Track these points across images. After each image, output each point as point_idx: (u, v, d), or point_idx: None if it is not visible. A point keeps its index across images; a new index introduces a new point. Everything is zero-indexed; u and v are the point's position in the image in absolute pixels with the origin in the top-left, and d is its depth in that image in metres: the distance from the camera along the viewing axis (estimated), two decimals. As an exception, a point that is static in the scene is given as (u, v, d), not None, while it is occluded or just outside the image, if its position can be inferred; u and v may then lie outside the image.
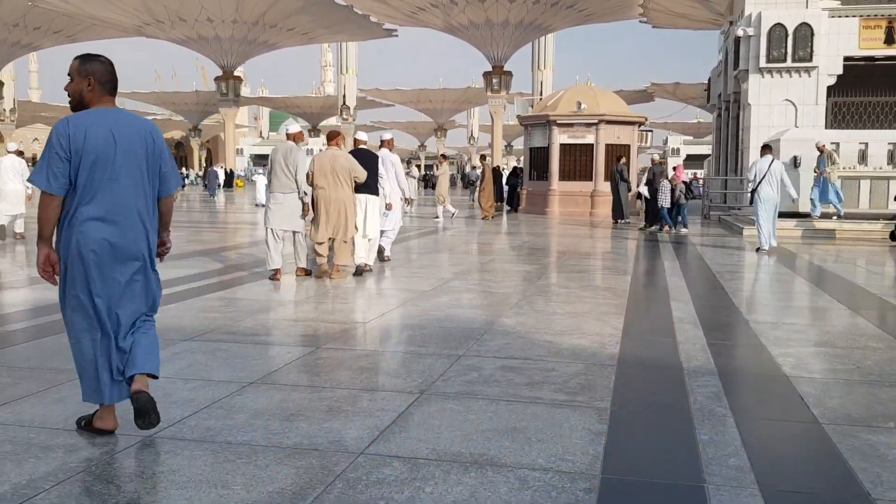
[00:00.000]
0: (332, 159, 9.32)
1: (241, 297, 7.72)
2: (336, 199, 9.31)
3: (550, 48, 64.36)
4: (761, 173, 13.26)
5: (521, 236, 16.32)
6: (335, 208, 9.33)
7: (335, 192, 9.29)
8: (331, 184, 9.27)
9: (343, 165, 9.36)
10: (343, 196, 9.36)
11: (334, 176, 9.29)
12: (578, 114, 24.25)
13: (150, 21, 56.62)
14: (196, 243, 13.60)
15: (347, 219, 9.43)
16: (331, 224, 9.33)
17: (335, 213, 9.33)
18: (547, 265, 10.88)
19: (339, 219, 9.37)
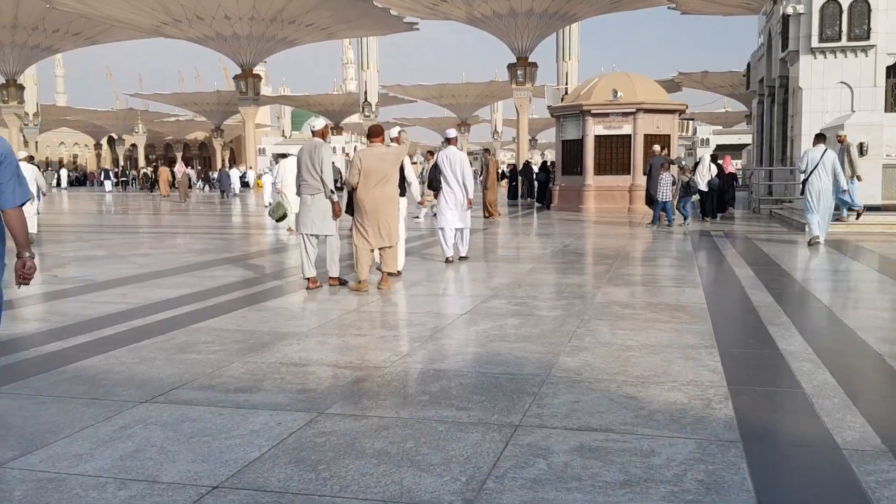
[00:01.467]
0: (381, 157, 8.55)
1: (231, 327, 6.30)
2: (385, 201, 8.55)
3: (575, 38, 62.78)
4: (813, 163, 12.73)
5: (558, 238, 14.79)
6: (385, 211, 8.54)
7: (383, 192, 8.53)
8: (380, 184, 8.50)
9: (393, 163, 8.71)
10: (392, 196, 8.66)
11: (384, 175, 8.51)
12: (614, 102, 22.63)
13: (168, 20, 55.73)
14: (193, 253, 12.26)
15: (396, 222, 8.77)
16: (383, 230, 8.52)
17: (385, 216, 8.54)
18: (598, 275, 9.36)
19: (389, 223, 8.59)
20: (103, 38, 63.92)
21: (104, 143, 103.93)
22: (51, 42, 62.04)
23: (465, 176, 10.51)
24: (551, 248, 12.57)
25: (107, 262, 11.16)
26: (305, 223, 8.55)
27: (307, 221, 8.55)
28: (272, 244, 14.47)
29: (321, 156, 8.42)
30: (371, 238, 8.50)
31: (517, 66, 56.49)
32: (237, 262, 11.13)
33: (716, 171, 19.83)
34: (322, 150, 8.50)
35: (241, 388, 4.45)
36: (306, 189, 8.52)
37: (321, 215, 8.47)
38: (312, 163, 8.51)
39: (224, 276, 9.45)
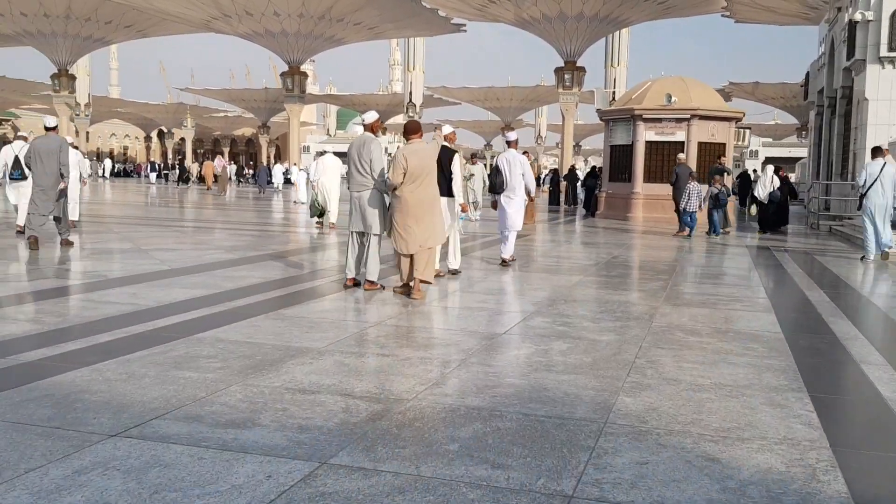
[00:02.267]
0: (425, 155, 8.08)
1: (239, 338, 5.57)
2: (432, 200, 8.08)
3: (625, 44, 61.61)
4: (872, 178, 12.30)
5: (605, 248, 13.88)
6: (431, 211, 8.04)
7: (426, 191, 8.01)
8: (425, 183, 7.98)
9: (434, 160, 8.25)
10: (434, 196, 8.16)
11: (429, 173, 8.03)
12: (668, 108, 21.61)
13: (218, 15, 55.88)
14: (221, 250, 11.60)
15: (439, 223, 8.20)
16: (426, 230, 7.96)
17: (430, 216, 8.02)
18: (653, 293, 8.46)
19: (434, 223, 8.06)
20: (154, 32, 64.48)
21: (154, 136, 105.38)
22: (103, 34, 62.71)
23: (528, 179, 10.45)
24: (598, 259, 11.68)
25: (128, 257, 10.56)
26: (352, 220, 8.19)
27: (353, 219, 8.18)
28: (302, 242, 13.81)
29: (370, 150, 8.01)
30: (411, 240, 7.88)
31: (564, 71, 55.45)
32: (262, 260, 10.45)
33: (778, 183, 18.81)
34: (371, 145, 8.03)
35: (234, 420, 3.69)
36: (354, 186, 8.12)
37: (368, 212, 8.04)
38: (361, 158, 8.06)
39: (246, 277, 8.76)
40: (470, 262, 10.82)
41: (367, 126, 8.29)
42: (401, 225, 7.94)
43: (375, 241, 8.14)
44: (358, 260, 8.26)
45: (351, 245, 8.25)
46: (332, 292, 7.86)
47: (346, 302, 7.37)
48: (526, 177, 10.46)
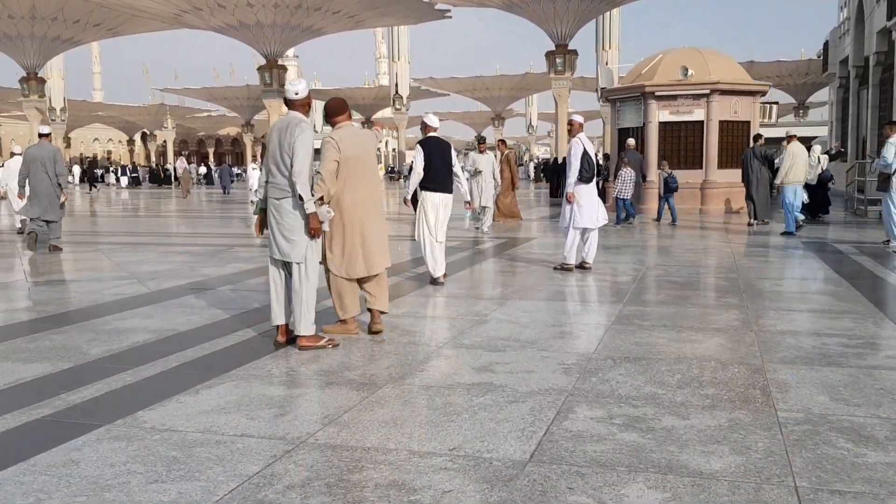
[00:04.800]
0: (363, 142, 5.89)
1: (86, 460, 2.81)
2: (375, 208, 5.98)
3: (616, 26, 58.91)
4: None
5: (630, 253, 11.15)
6: (374, 223, 5.90)
7: (370, 195, 5.90)
8: (367, 182, 5.87)
9: (373, 150, 6.09)
10: (381, 200, 6.18)
11: (368, 167, 5.92)
12: (684, 82, 18.83)
13: (188, 9, 52.92)
14: (127, 280, 8.82)
15: (385, 239, 6.10)
16: (368, 252, 5.83)
17: (373, 231, 5.88)
18: (740, 334, 5.76)
19: (378, 240, 5.93)
20: (126, 30, 61.50)
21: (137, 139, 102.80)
22: (71, 33, 59.76)
23: None
24: (628, 272, 8.93)
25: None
26: (270, 242, 5.56)
27: (271, 239, 5.54)
28: (246, 262, 10.98)
29: (295, 140, 5.34)
30: (350, 264, 5.79)
31: (556, 54, 52.67)
32: (177, 296, 7.68)
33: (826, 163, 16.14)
34: (298, 132, 5.36)
35: None
36: (272, 190, 5.50)
37: (288, 229, 5.44)
38: (282, 150, 5.38)
39: (129, 333, 5.98)
40: (460, 281, 8.05)
41: (295, 101, 5.52)
42: (342, 243, 5.71)
43: (306, 274, 5.49)
44: (287, 300, 5.54)
45: (273, 279, 5.59)
46: (249, 360, 5.09)
47: (262, 382, 4.60)
48: None
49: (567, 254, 8.99)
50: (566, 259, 9.01)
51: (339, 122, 5.76)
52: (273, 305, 5.51)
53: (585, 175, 8.90)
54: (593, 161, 8.96)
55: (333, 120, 5.79)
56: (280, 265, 5.54)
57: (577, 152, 8.93)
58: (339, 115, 5.77)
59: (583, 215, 8.97)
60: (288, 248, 5.45)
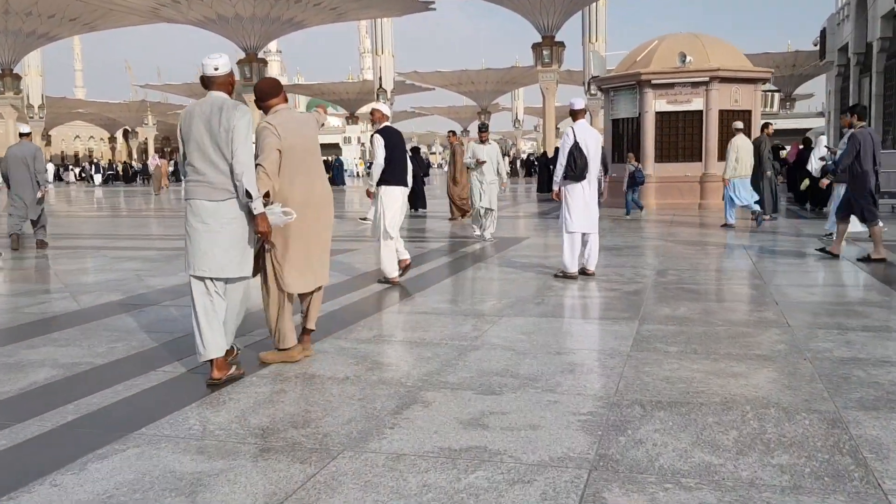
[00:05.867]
0: (303, 127, 4.80)
1: None
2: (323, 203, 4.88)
3: (602, 17, 57.97)
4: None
5: (637, 256, 10.04)
6: (322, 225, 4.90)
7: (313, 190, 4.81)
8: (312, 173, 4.83)
9: (315, 137, 4.93)
10: (328, 198, 4.93)
11: (312, 157, 4.85)
12: (682, 70, 17.75)
13: (166, 2, 51.61)
14: (52, 298, 7.61)
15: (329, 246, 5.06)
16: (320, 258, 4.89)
17: (322, 234, 4.91)
18: (794, 365, 4.66)
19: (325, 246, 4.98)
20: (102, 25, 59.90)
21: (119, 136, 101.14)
22: (47, 28, 58.17)
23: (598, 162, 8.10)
24: (640, 279, 7.80)
25: None
26: (196, 255, 4.37)
27: (199, 252, 4.36)
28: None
29: (235, 125, 4.24)
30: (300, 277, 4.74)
31: (542, 46, 51.76)
32: (103, 317, 6.48)
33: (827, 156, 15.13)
34: (238, 115, 4.26)
35: None
36: (200, 190, 4.35)
37: (226, 239, 4.35)
38: (215, 139, 4.27)
39: (21, 375, 4.80)
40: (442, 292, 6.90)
41: (215, 78, 4.39)
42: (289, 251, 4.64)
43: (248, 293, 4.57)
44: (217, 325, 4.41)
45: (202, 304, 4.40)
46: (168, 410, 3.92)
47: (175, 449, 3.44)
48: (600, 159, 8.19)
49: (565, 261, 7.86)
50: (566, 267, 7.87)
51: (274, 106, 4.68)
52: (205, 335, 4.34)
53: (571, 172, 7.77)
54: (586, 155, 7.75)
55: (267, 103, 4.70)
56: (209, 285, 4.37)
57: (565, 145, 7.80)
58: (274, 97, 4.69)
59: (573, 218, 7.84)
60: (230, 261, 4.33)
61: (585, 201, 7.89)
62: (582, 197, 7.85)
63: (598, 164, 8.01)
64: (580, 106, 7.99)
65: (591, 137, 7.91)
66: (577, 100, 8.10)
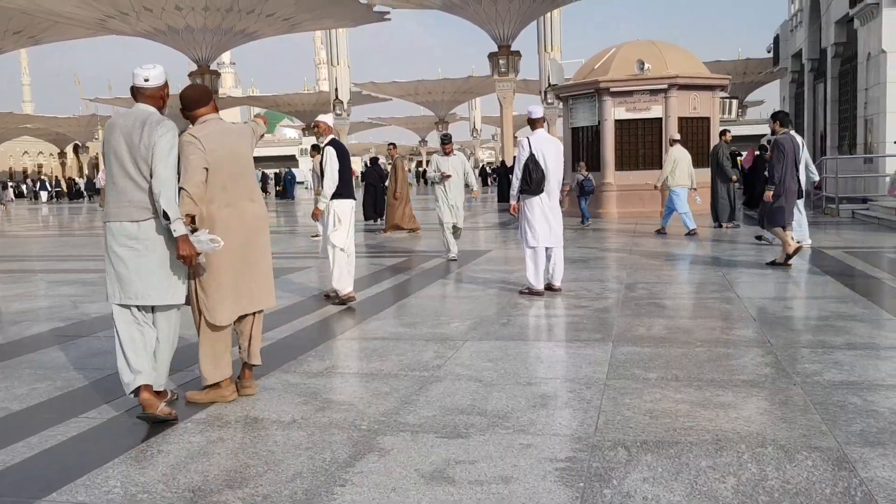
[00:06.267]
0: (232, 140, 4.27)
1: None
2: (259, 225, 4.37)
3: (557, 27, 58.28)
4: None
5: (602, 268, 9.71)
6: (260, 246, 4.38)
7: (249, 207, 4.31)
8: (242, 190, 4.30)
9: (250, 151, 4.42)
10: (263, 216, 4.42)
11: (244, 171, 4.33)
12: (641, 77, 17.58)
13: (113, 13, 50.35)
14: None
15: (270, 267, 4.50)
16: (256, 281, 4.33)
17: (258, 255, 4.35)
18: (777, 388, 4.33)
19: (263, 268, 4.40)
20: (48, 37, 58.34)
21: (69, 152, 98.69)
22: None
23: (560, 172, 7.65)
24: (608, 293, 7.43)
25: None
26: (120, 281, 3.95)
27: (122, 278, 3.95)
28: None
29: (157, 140, 3.86)
30: (230, 304, 4.22)
31: (499, 56, 51.63)
32: (18, 356, 5.91)
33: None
34: (161, 130, 3.89)
35: None
36: (120, 210, 3.93)
37: (155, 263, 3.96)
38: (135, 155, 3.88)
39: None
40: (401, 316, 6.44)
41: (146, 91, 4.01)
42: (219, 276, 4.15)
43: (178, 322, 4.14)
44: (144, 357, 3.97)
45: (128, 333, 3.98)
46: (86, 469, 3.41)
47: None
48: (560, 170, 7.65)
49: (529, 278, 7.47)
50: (530, 284, 7.47)
51: (201, 116, 4.20)
52: (132, 360, 3.94)
53: (527, 186, 7.36)
54: (543, 168, 7.34)
55: (194, 113, 4.21)
56: (135, 313, 3.92)
57: (520, 157, 7.41)
58: (202, 105, 4.21)
59: (533, 233, 7.45)
60: (157, 286, 3.90)
61: (545, 214, 7.50)
62: (541, 210, 7.46)
63: (559, 175, 7.64)
64: (538, 115, 7.62)
65: (550, 147, 7.52)
66: (535, 108, 7.75)
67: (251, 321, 4.34)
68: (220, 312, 4.14)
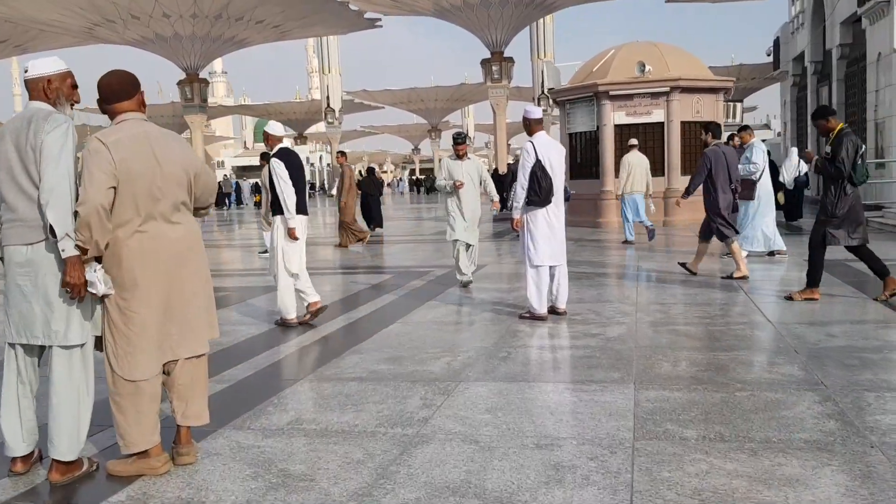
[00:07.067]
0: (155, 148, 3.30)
1: None
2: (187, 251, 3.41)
3: (550, 33, 57.80)
4: None
5: (602, 285, 8.83)
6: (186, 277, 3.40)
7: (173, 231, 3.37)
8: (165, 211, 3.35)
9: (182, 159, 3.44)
10: (195, 234, 3.49)
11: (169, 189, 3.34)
12: (642, 80, 16.77)
13: (100, 21, 49.58)
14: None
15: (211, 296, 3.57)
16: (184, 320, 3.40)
17: (187, 288, 3.39)
18: (849, 449, 3.48)
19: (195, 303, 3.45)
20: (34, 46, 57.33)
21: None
22: (-26, 52, 55.47)
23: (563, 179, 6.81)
24: (619, 316, 6.55)
25: None
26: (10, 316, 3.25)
27: (11, 311, 3.24)
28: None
29: (43, 140, 3.08)
30: (148, 351, 3.31)
31: (492, 62, 51.03)
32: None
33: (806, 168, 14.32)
34: (48, 128, 3.10)
35: None
36: (11, 232, 3.18)
37: (51, 294, 3.18)
38: (24, 162, 3.11)
39: None
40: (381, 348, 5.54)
41: (28, 86, 3.26)
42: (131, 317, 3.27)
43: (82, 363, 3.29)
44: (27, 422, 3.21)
45: (9, 377, 3.28)
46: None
47: None
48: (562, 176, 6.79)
49: (532, 301, 6.58)
50: (533, 308, 6.59)
51: (122, 114, 3.31)
52: (11, 430, 3.10)
53: (535, 197, 6.50)
54: (550, 175, 6.51)
55: (113, 108, 3.33)
56: (21, 355, 3.11)
57: (525, 164, 6.52)
58: (123, 99, 3.31)
59: (538, 250, 6.58)
60: (51, 323, 3.06)
61: (551, 228, 6.64)
62: (546, 223, 6.59)
63: (563, 182, 6.79)
64: (538, 115, 6.74)
65: (555, 152, 6.66)
66: (533, 109, 6.87)
67: (184, 371, 3.43)
68: (132, 364, 3.24)
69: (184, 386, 3.43)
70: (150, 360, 3.28)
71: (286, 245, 6.72)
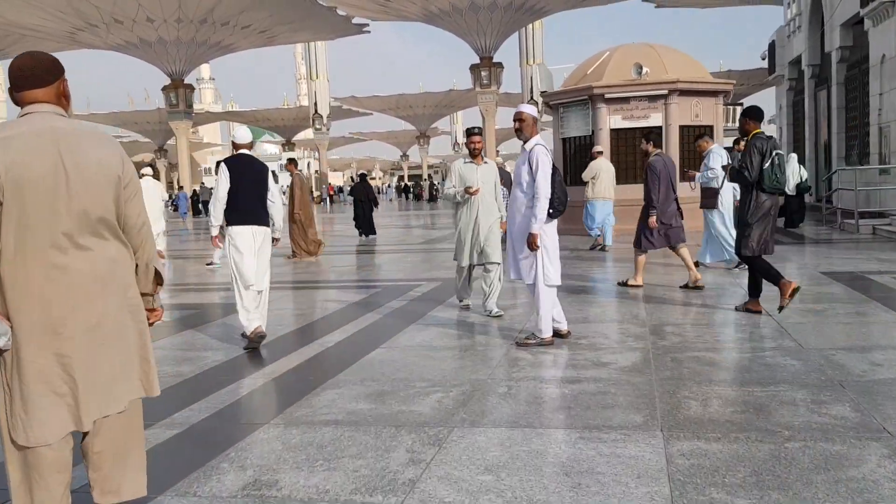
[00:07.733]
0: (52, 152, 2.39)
1: None
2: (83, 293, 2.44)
3: (539, 39, 57.40)
4: None
5: (604, 303, 8.11)
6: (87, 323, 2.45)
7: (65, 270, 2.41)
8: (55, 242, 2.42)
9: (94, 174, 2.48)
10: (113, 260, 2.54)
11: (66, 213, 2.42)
12: (639, 82, 16.11)
13: (83, 26, 48.83)
14: None
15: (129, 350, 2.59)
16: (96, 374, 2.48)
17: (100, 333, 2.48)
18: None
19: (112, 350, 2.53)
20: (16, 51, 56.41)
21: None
22: (-45, 57, 54.62)
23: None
24: (631, 341, 5.83)
25: None
26: None
27: None
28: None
29: None
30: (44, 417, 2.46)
31: (481, 67, 50.56)
32: None
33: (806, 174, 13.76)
34: None
35: None
36: None
37: None
38: None
39: None
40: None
41: None
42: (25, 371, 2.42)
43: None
44: None
45: None
46: None
47: None
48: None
49: (542, 325, 5.84)
50: (540, 332, 5.85)
51: (32, 104, 2.52)
52: None
53: (559, 207, 5.83)
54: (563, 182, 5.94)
55: (22, 96, 2.54)
56: None
57: (546, 169, 5.75)
58: (36, 86, 2.52)
59: (555, 267, 5.88)
60: None
61: (556, 242, 5.97)
62: (554, 237, 5.93)
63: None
64: (535, 113, 6.01)
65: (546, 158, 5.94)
66: (527, 107, 6.15)
67: (101, 434, 2.65)
68: (31, 427, 2.47)
69: (101, 454, 2.65)
70: (52, 423, 2.50)
71: (235, 256, 6.32)
